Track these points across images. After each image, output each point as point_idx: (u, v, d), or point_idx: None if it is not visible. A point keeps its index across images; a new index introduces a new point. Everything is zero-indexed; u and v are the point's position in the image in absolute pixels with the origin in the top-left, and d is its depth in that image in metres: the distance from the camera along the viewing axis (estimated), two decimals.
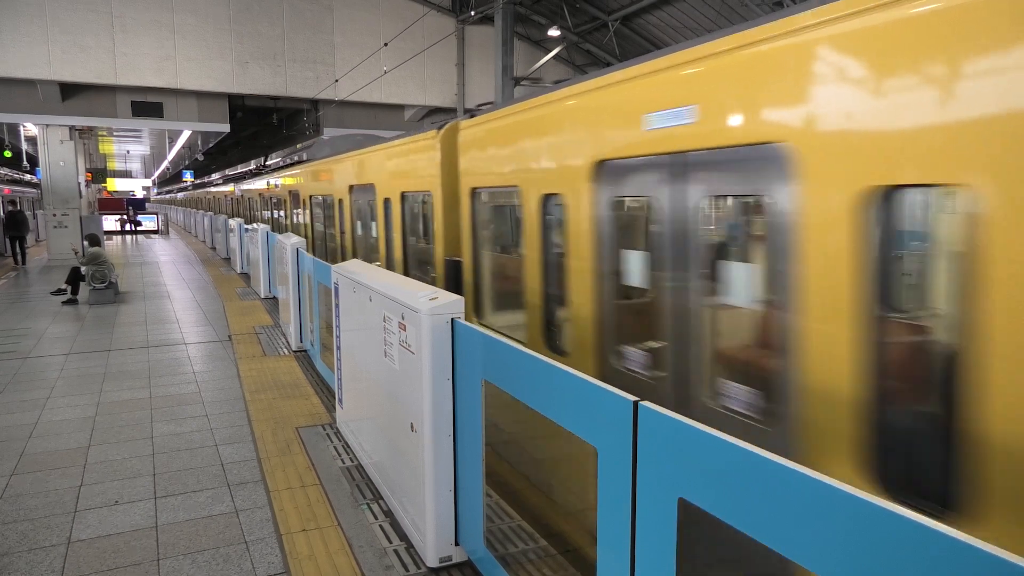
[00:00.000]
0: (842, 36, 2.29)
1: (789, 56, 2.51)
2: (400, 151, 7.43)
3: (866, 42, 2.20)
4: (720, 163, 2.94)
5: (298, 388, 6.98)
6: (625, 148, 3.54)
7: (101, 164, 46.67)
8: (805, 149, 2.45)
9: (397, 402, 3.93)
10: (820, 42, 2.38)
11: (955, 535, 1.23)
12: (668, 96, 3.18)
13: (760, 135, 2.65)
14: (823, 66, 2.37)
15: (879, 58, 2.16)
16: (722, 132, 2.84)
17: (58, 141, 20.33)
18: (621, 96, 3.57)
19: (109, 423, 6.03)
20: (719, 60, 2.85)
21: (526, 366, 2.81)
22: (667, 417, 1.96)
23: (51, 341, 9.47)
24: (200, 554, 3.83)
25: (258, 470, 4.96)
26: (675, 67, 3.13)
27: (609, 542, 2.26)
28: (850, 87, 2.27)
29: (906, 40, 2.07)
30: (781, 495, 1.60)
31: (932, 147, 2.00)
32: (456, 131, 6.05)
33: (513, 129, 4.90)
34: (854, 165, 2.25)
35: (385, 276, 4.45)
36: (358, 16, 21.42)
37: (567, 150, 4.14)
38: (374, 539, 3.93)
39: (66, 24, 17.98)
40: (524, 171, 4.73)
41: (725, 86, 2.81)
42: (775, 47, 2.57)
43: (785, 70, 2.52)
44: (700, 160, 3.06)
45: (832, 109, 2.33)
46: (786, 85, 2.51)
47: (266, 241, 12.30)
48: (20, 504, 4.47)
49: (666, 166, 3.31)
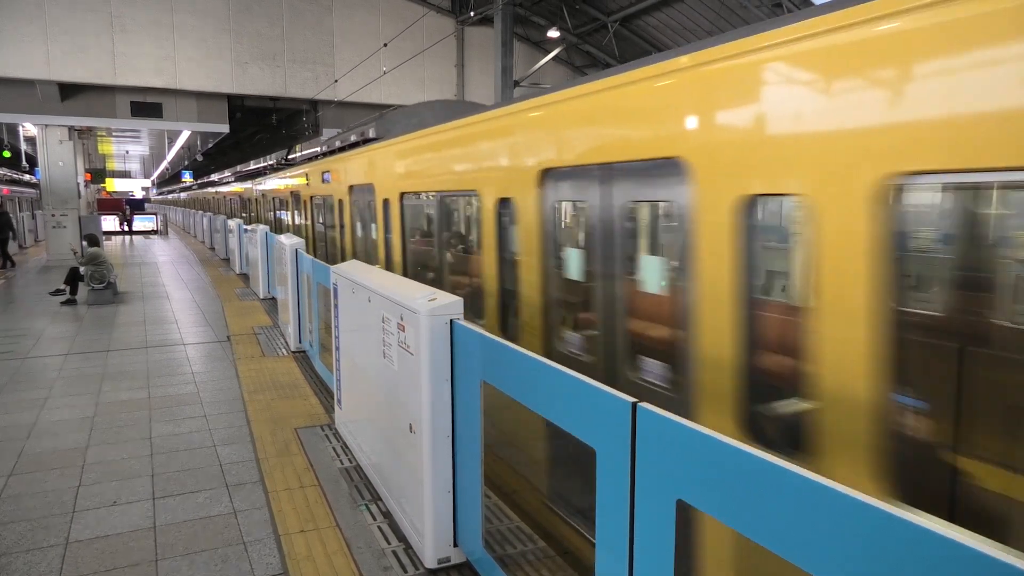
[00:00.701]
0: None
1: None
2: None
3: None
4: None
5: (297, 389, 6.98)
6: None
7: (100, 164, 46.64)
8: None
9: (396, 403, 3.93)
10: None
11: (957, 538, 1.24)
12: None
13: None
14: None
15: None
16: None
17: (57, 141, 20.31)
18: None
19: (108, 423, 6.02)
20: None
21: (525, 367, 2.81)
22: (666, 419, 1.96)
23: (50, 341, 9.46)
24: (198, 555, 3.83)
25: (256, 471, 4.96)
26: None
27: (607, 543, 2.26)
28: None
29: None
30: (779, 497, 1.61)
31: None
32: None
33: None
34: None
35: (384, 277, 4.45)
36: (357, 16, 21.43)
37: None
38: (373, 540, 3.93)
39: (65, 24, 17.98)
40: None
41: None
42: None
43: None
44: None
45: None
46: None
47: (265, 242, 12.30)
48: (18, 504, 4.46)
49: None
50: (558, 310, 4.41)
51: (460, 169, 5.61)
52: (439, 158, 6.13)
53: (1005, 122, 1.85)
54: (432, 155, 6.30)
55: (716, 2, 17.73)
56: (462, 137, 5.53)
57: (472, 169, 5.31)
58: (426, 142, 6.44)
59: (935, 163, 2.03)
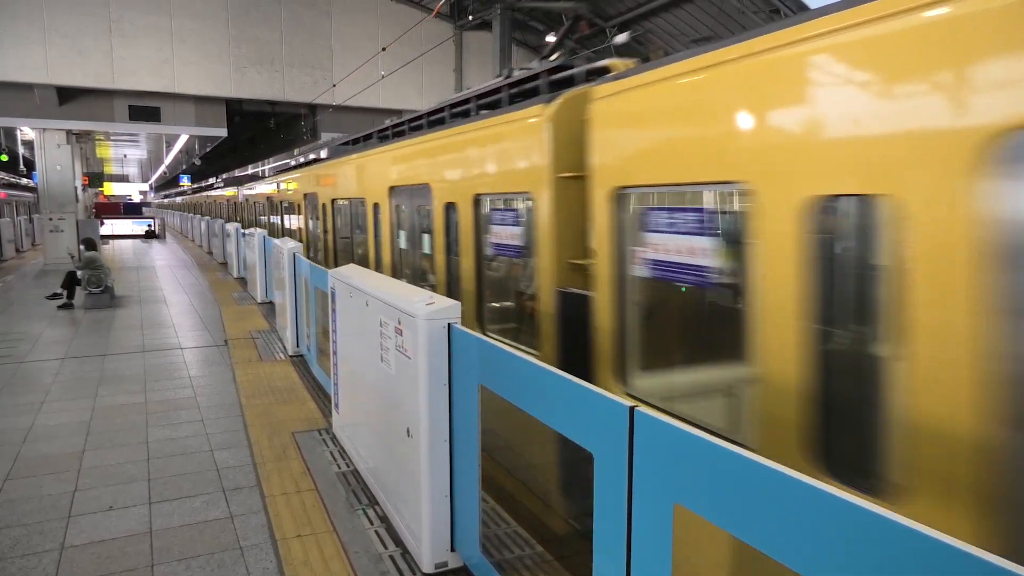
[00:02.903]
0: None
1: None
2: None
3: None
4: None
5: (294, 393, 6.96)
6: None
7: (98, 168, 46.62)
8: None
9: (393, 407, 3.92)
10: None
11: (955, 544, 1.24)
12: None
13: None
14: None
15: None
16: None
17: (55, 145, 20.30)
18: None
19: (104, 427, 6.00)
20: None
21: (522, 371, 2.81)
22: (663, 423, 1.96)
23: (46, 345, 9.44)
24: (195, 559, 3.81)
25: (253, 475, 4.94)
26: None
27: (605, 548, 2.26)
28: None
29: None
30: (777, 501, 1.60)
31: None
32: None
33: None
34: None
35: (381, 281, 4.45)
36: (356, 21, 21.48)
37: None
38: (370, 545, 3.92)
39: (64, 28, 17.99)
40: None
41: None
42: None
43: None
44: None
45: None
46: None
47: (263, 246, 12.29)
48: (14, 509, 4.45)
49: None
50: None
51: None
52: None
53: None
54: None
55: (714, 8, 17.80)
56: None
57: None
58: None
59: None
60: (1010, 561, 1.16)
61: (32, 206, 32.68)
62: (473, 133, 5.19)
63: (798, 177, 2.37)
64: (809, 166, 2.33)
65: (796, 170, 2.38)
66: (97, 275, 12.66)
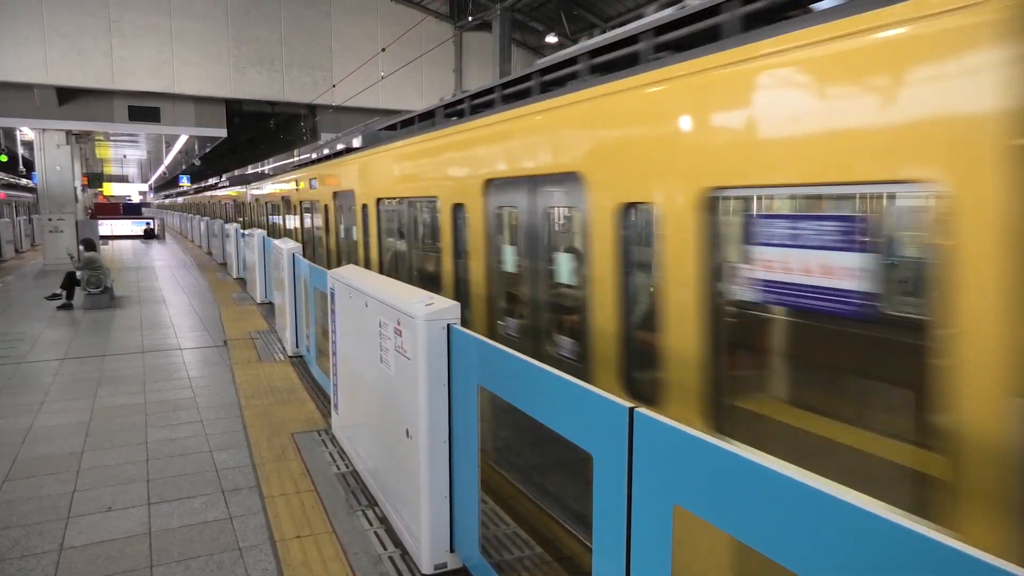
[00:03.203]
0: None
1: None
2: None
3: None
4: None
5: (294, 393, 6.96)
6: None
7: (98, 168, 46.63)
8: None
9: (393, 408, 3.92)
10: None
11: (955, 546, 1.23)
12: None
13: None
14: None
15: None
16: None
17: (54, 145, 20.30)
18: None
19: (103, 428, 6.00)
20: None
21: (522, 372, 2.81)
22: (663, 424, 1.95)
23: (46, 346, 9.43)
24: (194, 560, 3.81)
25: (253, 476, 4.94)
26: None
27: (605, 549, 2.26)
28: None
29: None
30: (777, 502, 1.60)
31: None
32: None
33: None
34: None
35: (381, 282, 4.45)
36: (356, 21, 21.47)
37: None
38: (369, 546, 3.91)
39: (64, 28, 17.98)
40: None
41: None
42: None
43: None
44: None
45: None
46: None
47: (262, 246, 12.29)
48: (13, 510, 4.44)
49: None
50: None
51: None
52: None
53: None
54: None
55: None
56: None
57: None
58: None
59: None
60: (1010, 563, 1.16)
61: (32, 206, 32.67)
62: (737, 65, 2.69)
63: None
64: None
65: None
66: (96, 276, 12.66)
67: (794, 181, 2.41)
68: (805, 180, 2.37)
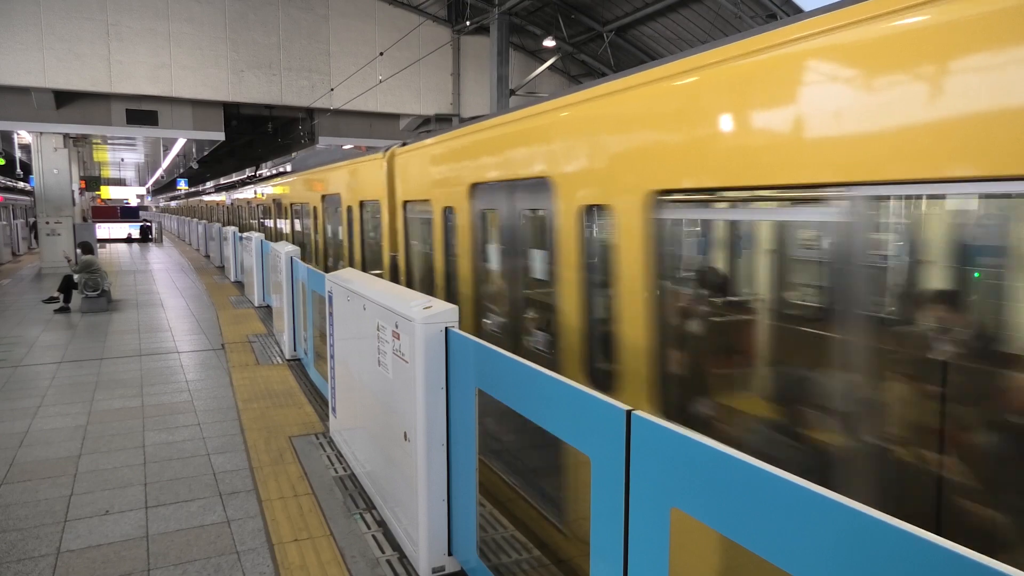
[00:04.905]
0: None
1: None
2: None
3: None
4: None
5: (291, 397, 6.95)
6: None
7: (95, 172, 46.55)
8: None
9: (390, 411, 3.92)
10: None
11: (948, 546, 1.24)
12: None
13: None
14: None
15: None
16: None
17: (52, 149, 20.24)
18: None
19: (100, 432, 5.99)
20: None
21: (520, 375, 2.81)
22: (660, 427, 1.96)
23: (43, 349, 9.41)
24: (191, 564, 3.80)
25: (250, 479, 4.93)
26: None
27: (602, 552, 2.26)
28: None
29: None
30: (775, 505, 1.61)
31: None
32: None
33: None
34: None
35: (379, 285, 4.45)
36: (353, 25, 21.47)
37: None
38: (367, 549, 3.91)
39: (61, 32, 17.97)
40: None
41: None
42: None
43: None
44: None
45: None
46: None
47: (260, 250, 12.28)
48: (10, 514, 4.43)
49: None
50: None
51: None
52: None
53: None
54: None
55: (711, 13, 17.85)
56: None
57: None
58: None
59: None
60: (1006, 565, 1.16)
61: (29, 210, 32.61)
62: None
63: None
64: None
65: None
66: (94, 279, 12.63)
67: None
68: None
